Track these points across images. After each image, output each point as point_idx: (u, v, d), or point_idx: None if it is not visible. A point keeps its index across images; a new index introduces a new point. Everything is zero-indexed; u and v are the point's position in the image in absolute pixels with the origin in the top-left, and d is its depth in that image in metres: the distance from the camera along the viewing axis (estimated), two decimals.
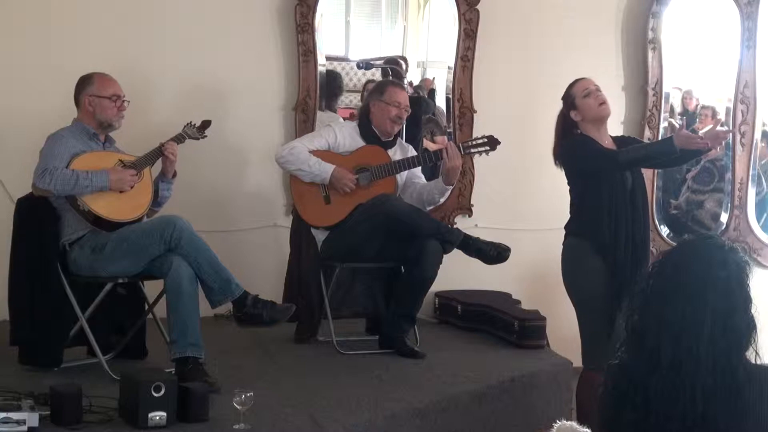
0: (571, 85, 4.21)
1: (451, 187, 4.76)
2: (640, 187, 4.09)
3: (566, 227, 4.17)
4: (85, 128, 4.11)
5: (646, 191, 4.18)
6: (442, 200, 4.83)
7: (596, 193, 3.97)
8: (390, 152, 4.74)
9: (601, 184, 3.98)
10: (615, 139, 4.17)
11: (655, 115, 6.17)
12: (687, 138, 3.91)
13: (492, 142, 4.67)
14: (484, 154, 4.72)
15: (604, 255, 3.94)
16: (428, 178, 4.92)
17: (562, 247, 4.14)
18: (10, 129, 4.94)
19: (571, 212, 4.15)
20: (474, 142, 4.74)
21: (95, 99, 4.10)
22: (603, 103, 4.08)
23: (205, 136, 4.46)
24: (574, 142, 4.07)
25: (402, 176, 4.75)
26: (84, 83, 4.14)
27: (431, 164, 4.84)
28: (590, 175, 4.02)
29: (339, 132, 4.75)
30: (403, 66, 6.04)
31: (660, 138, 6.00)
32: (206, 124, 4.46)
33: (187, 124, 4.38)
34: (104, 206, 3.94)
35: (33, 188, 3.97)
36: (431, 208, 4.85)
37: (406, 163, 4.67)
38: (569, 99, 4.12)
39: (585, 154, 4.03)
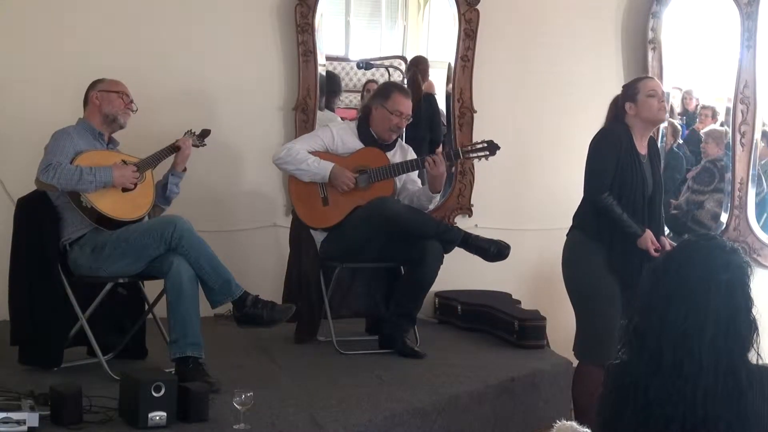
0: (638, 79, 4.20)
1: (438, 195, 4.74)
2: (659, 194, 4.10)
3: (575, 218, 4.15)
4: (91, 127, 4.12)
5: (663, 196, 4.18)
6: (430, 207, 4.80)
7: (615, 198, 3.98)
8: (389, 155, 4.73)
9: (622, 189, 3.98)
10: (650, 141, 4.15)
11: None
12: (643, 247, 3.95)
13: (491, 147, 4.66)
14: (483, 159, 4.71)
15: (610, 263, 3.97)
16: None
17: (565, 237, 4.14)
18: (10, 129, 4.95)
19: (584, 204, 4.13)
20: (473, 147, 4.73)
21: (103, 93, 4.13)
22: (664, 110, 4.07)
23: (204, 145, 4.50)
24: (601, 142, 4.05)
25: (400, 179, 4.74)
26: (94, 83, 4.19)
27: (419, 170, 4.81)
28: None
29: (336, 133, 4.74)
30: (427, 62, 6.09)
31: (660, 139, 6.04)
32: (206, 133, 4.50)
33: (187, 131, 4.40)
34: (108, 204, 3.94)
35: (36, 182, 3.98)
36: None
37: (405, 167, 4.65)
38: (631, 91, 4.08)
39: (592, 160, 4.04)
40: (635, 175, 3.99)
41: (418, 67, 6.04)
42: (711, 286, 2.21)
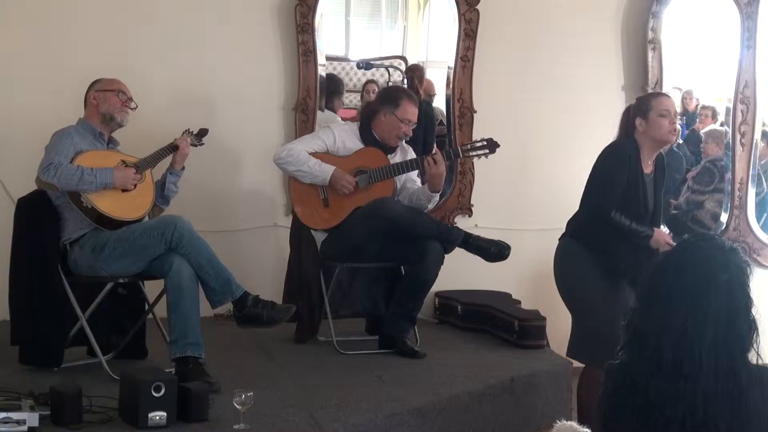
0: (653, 95, 4.16)
1: (437, 194, 4.73)
2: (658, 214, 4.09)
3: (569, 226, 4.14)
4: (91, 127, 4.13)
5: (662, 216, 4.16)
6: (430, 206, 4.79)
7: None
8: (390, 157, 4.71)
9: (624, 206, 3.93)
10: (658, 159, 4.13)
11: None
12: (659, 244, 3.94)
13: (491, 145, 4.66)
14: (483, 157, 4.70)
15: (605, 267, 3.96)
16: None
17: (558, 242, 4.13)
18: (10, 129, 4.95)
19: (581, 211, 4.11)
20: (473, 146, 4.73)
21: (100, 93, 4.13)
22: (674, 131, 4.04)
23: (203, 144, 4.50)
24: (611, 157, 4.01)
25: (400, 179, 4.74)
26: (93, 83, 4.19)
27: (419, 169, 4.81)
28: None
29: (338, 134, 4.73)
30: (423, 69, 6.14)
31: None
32: (203, 132, 4.51)
33: (185, 131, 4.40)
34: (108, 204, 3.95)
35: (36, 181, 3.98)
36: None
37: (405, 166, 4.65)
38: (644, 107, 4.03)
39: (602, 176, 4.01)
40: (637, 193, 3.96)
41: (414, 73, 6.09)
42: (711, 286, 2.21)
